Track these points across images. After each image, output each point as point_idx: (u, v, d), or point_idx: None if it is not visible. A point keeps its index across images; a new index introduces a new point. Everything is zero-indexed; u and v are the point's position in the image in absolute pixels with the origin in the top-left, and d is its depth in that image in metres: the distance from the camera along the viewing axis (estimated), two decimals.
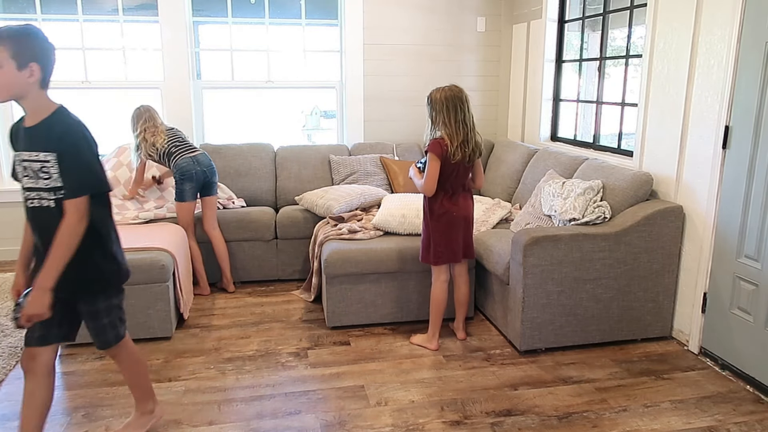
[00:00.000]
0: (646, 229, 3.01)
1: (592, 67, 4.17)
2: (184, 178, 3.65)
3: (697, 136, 3.00)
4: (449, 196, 2.94)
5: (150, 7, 4.53)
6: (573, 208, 3.14)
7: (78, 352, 3.07)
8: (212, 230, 3.85)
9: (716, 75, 2.86)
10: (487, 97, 5.15)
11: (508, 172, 4.36)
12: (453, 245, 2.98)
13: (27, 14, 4.42)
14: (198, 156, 3.72)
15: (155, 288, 3.13)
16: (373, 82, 4.90)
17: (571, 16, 4.37)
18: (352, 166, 4.48)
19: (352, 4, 4.72)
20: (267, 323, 3.45)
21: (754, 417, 2.50)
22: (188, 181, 3.66)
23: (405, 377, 2.83)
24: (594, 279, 3.01)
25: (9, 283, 4.04)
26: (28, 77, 1.87)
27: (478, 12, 4.97)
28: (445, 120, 2.82)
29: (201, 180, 3.71)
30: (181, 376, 2.84)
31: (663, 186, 3.23)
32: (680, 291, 3.17)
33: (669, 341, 3.20)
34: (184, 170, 3.65)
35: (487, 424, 2.45)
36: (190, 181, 3.67)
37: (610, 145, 3.91)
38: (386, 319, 3.39)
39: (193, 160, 3.68)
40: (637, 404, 2.60)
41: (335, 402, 2.61)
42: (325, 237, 3.47)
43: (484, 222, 3.78)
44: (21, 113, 2.00)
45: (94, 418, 2.48)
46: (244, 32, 4.81)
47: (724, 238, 2.87)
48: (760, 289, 2.70)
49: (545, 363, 2.97)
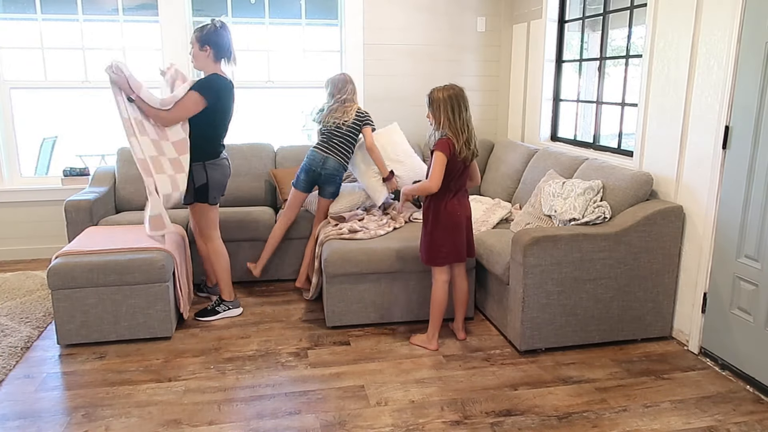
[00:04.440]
0: (646, 229, 3.01)
1: (592, 67, 4.17)
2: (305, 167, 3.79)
3: (697, 136, 3.00)
4: (453, 196, 2.94)
5: (150, 7, 4.53)
6: (573, 208, 3.14)
7: (78, 352, 3.07)
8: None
9: (716, 75, 2.86)
10: (487, 97, 5.15)
11: (508, 172, 4.36)
12: (458, 245, 2.99)
13: (27, 14, 4.42)
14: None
15: (155, 288, 3.13)
16: (373, 82, 4.90)
17: (571, 16, 4.37)
18: None
19: (352, 4, 4.72)
20: (267, 323, 3.45)
21: (754, 417, 2.50)
22: (303, 173, 3.79)
23: (405, 377, 2.83)
24: (594, 279, 3.01)
25: (9, 283, 4.04)
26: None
27: (478, 12, 4.97)
28: (449, 119, 2.82)
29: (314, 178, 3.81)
30: (181, 376, 2.84)
31: (663, 186, 3.23)
32: (680, 291, 3.17)
33: (669, 341, 3.20)
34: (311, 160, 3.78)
35: (487, 424, 2.45)
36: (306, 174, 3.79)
37: (610, 145, 3.91)
38: (386, 319, 3.39)
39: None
40: (637, 404, 2.60)
41: (335, 402, 2.61)
42: (326, 237, 3.47)
43: (484, 222, 3.78)
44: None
45: (94, 418, 2.48)
46: (244, 32, 4.81)
47: (724, 238, 2.87)
48: (760, 289, 2.70)
49: (545, 363, 2.97)
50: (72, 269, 3.02)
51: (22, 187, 4.61)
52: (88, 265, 3.03)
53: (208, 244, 3.45)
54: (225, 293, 3.51)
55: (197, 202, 3.32)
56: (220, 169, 3.29)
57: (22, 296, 3.79)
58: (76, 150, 7.11)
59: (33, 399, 2.63)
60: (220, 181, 3.30)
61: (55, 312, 3.06)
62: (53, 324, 3.37)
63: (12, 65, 4.50)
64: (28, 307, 3.60)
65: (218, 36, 3.04)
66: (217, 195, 3.33)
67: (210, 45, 3.03)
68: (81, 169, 4.69)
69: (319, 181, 3.80)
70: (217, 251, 3.45)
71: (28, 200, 4.59)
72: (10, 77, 4.49)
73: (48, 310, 3.57)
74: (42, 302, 3.68)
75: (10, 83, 4.48)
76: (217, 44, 3.04)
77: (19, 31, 4.48)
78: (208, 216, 3.37)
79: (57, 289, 3.03)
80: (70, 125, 9.38)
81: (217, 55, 3.08)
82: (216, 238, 3.45)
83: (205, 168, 3.22)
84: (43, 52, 4.48)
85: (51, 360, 3.00)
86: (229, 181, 3.45)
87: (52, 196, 4.60)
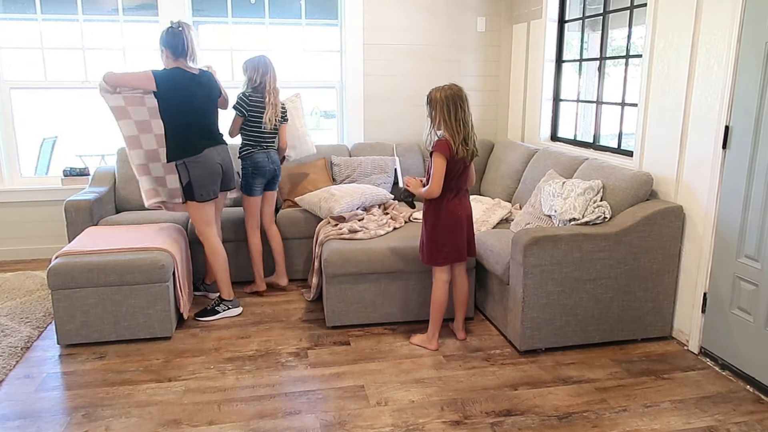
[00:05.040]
0: (646, 229, 3.01)
1: (592, 67, 4.18)
2: (257, 173, 3.67)
3: (697, 136, 3.00)
4: (454, 195, 2.94)
5: (150, 7, 4.53)
6: (573, 208, 3.14)
7: (78, 352, 3.07)
8: (271, 225, 3.89)
9: (716, 75, 2.86)
10: (487, 97, 5.15)
11: (508, 172, 4.36)
12: (459, 244, 2.99)
13: (27, 14, 4.42)
14: (271, 152, 3.74)
15: (155, 288, 3.13)
16: (373, 82, 4.90)
17: (571, 16, 4.37)
18: (352, 167, 4.49)
19: (352, 4, 4.72)
20: (267, 323, 3.45)
21: (754, 417, 2.50)
22: (261, 177, 3.70)
23: (405, 377, 2.83)
24: (594, 279, 3.01)
25: (9, 283, 4.04)
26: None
27: (478, 12, 4.97)
28: (445, 119, 2.82)
29: (270, 176, 3.75)
30: (181, 376, 2.84)
31: (663, 186, 3.23)
32: (680, 291, 3.17)
33: (669, 341, 3.20)
34: (258, 165, 3.66)
35: (487, 424, 2.45)
36: (262, 177, 3.70)
37: (610, 145, 3.91)
38: (386, 319, 3.39)
39: (267, 156, 3.70)
40: (637, 404, 2.60)
41: (335, 402, 2.61)
42: (326, 237, 3.47)
43: (484, 222, 3.78)
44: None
45: (94, 418, 2.48)
46: (244, 32, 4.81)
47: (724, 238, 2.87)
48: (760, 289, 2.70)
49: (545, 363, 2.97)
50: (72, 269, 3.02)
51: (22, 187, 4.61)
52: (88, 265, 3.03)
53: (204, 243, 3.45)
54: (224, 292, 3.51)
55: (188, 200, 3.33)
56: (202, 166, 3.29)
57: (22, 296, 3.79)
58: (76, 150, 7.12)
59: (33, 399, 2.63)
60: (203, 178, 3.29)
61: (55, 312, 3.06)
62: (53, 324, 3.37)
63: (12, 65, 4.50)
64: (28, 307, 3.60)
65: (172, 37, 3.20)
66: (204, 192, 3.32)
67: (165, 46, 3.22)
68: (81, 169, 4.69)
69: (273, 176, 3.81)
70: (213, 249, 3.44)
71: (28, 200, 4.59)
72: (10, 77, 4.49)
73: (48, 310, 3.57)
74: (42, 302, 3.68)
75: (10, 83, 4.48)
76: (171, 45, 3.20)
77: (19, 31, 4.48)
78: (200, 213, 3.37)
79: (57, 289, 3.03)
80: (70, 125, 9.39)
81: (174, 55, 3.23)
82: (212, 236, 3.44)
83: (186, 167, 3.26)
84: (43, 52, 4.48)
85: (51, 360, 3.00)
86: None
87: (52, 196, 4.60)
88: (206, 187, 3.32)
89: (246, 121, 3.60)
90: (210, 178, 3.32)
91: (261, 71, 3.58)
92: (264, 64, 3.60)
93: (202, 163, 3.28)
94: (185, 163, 3.25)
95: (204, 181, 3.29)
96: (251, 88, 3.61)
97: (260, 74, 3.58)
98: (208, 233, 3.43)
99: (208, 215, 3.40)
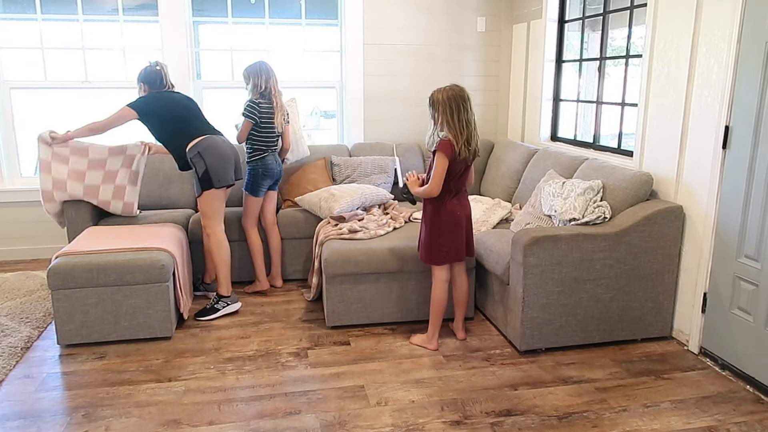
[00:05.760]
0: (646, 229, 3.01)
1: (592, 67, 4.17)
2: (266, 174, 3.73)
3: (697, 136, 3.00)
4: (453, 196, 2.94)
5: (150, 7, 4.53)
6: (573, 208, 3.14)
7: (78, 352, 3.07)
8: (273, 226, 3.94)
9: (716, 75, 2.86)
10: (487, 97, 5.15)
11: (508, 172, 4.36)
12: (458, 244, 2.99)
13: (27, 14, 4.42)
14: (277, 155, 3.82)
15: (155, 288, 3.13)
16: (373, 82, 4.90)
17: (571, 16, 4.37)
18: (352, 167, 4.49)
19: (352, 4, 4.72)
20: (267, 323, 3.45)
21: (754, 417, 2.50)
22: (269, 179, 3.76)
23: (405, 377, 2.83)
24: (594, 279, 3.01)
25: (9, 283, 4.04)
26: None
27: (478, 12, 4.97)
28: (448, 120, 2.82)
29: (276, 177, 3.82)
30: (181, 376, 2.84)
31: (663, 186, 3.23)
32: (680, 291, 3.17)
33: (669, 341, 3.20)
34: (268, 167, 3.72)
35: (487, 424, 2.45)
36: (270, 179, 3.77)
37: (610, 145, 3.91)
38: (386, 319, 3.39)
39: (275, 159, 3.77)
40: (637, 404, 2.60)
41: (335, 402, 2.61)
42: (326, 237, 3.47)
43: (484, 222, 3.78)
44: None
45: (94, 418, 2.48)
46: (244, 32, 4.81)
47: (724, 238, 2.87)
48: (760, 289, 2.70)
49: (545, 363, 2.97)
50: (72, 269, 3.02)
51: (22, 187, 4.61)
52: (88, 265, 3.03)
53: (210, 235, 3.49)
54: (223, 288, 3.52)
55: (204, 191, 3.40)
56: (215, 150, 3.37)
57: (22, 296, 3.79)
58: None
59: (33, 399, 2.63)
60: (218, 162, 3.37)
61: (55, 312, 3.06)
62: (53, 324, 3.37)
63: (12, 65, 4.50)
64: (28, 307, 3.60)
65: (150, 74, 3.45)
66: (221, 177, 3.39)
67: (144, 82, 3.46)
68: None
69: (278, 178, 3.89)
70: (219, 243, 3.49)
71: (28, 200, 4.59)
72: (10, 77, 4.49)
73: (48, 310, 3.57)
74: (42, 302, 3.68)
75: (10, 83, 4.48)
76: (149, 80, 3.45)
77: (19, 31, 4.48)
78: (212, 204, 3.44)
79: (57, 289, 3.03)
80: (70, 125, 9.39)
81: (151, 89, 3.47)
82: (220, 230, 3.50)
83: (201, 156, 3.34)
84: (43, 52, 4.48)
85: (51, 360, 3.00)
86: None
87: None
88: (222, 172, 3.39)
89: (256, 126, 3.64)
90: (224, 162, 3.40)
91: (264, 76, 3.65)
92: (266, 70, 3.67)
93: (213, 146, 3.38)
94: (199, 153, 3.34)
95: (220, 166, 3.37)
96: (259, 94, 3.65)
97: (264, 79, 3.65)
98: (216, 226, 3.48)
99: (220, 207, 3.49)
